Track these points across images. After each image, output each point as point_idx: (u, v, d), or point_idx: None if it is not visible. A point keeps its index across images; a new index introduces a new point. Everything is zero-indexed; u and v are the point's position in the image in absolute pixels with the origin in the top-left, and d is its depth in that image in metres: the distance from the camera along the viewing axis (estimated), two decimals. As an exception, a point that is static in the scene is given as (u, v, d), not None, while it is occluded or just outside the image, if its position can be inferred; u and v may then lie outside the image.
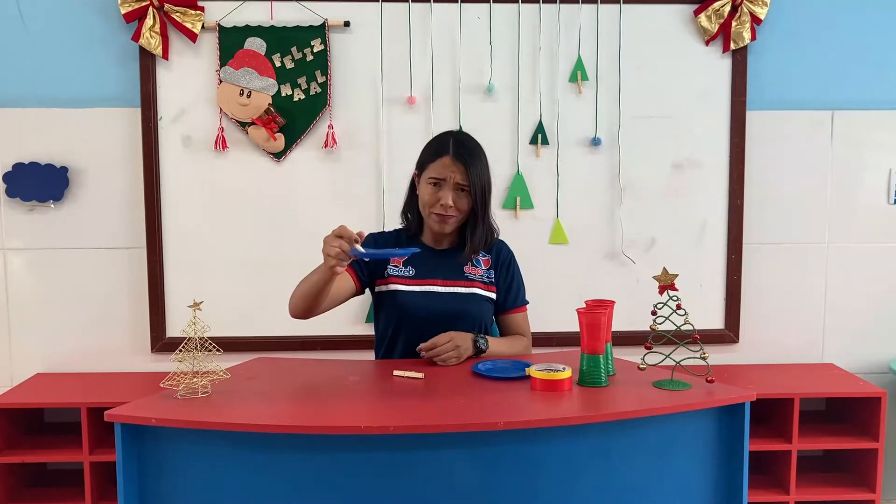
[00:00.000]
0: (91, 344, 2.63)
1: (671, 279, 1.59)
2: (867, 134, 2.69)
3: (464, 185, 1.89)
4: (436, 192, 1.89)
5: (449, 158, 1.88)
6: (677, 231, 2.68)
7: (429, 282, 1.94)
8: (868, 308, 2.74)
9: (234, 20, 2.54)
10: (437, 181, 1.89)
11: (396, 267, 1.96)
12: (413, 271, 1.95)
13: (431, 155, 1.92)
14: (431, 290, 1.93)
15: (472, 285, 1.96)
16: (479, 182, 1.90)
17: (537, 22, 2.59)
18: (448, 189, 1.88)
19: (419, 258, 1.95)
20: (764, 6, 2.58)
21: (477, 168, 1.90)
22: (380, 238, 2.03)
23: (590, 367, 1.59)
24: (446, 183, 1.88)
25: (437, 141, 1.97)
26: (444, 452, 1.41)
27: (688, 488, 1.53)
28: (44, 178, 2.55)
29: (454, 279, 1.95)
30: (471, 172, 1.88)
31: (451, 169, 1.88)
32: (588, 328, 1.58)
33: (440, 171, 1.88)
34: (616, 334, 1.69)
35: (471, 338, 1.86)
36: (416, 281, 1.94)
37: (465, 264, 1.97)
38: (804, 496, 2.45)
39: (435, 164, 1.90)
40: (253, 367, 1.81)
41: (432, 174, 1.89)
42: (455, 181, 1.88)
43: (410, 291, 1.93)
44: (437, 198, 1.89)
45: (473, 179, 1.88)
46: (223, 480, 1.42)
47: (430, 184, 1.90)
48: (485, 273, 1.99)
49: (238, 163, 2.59)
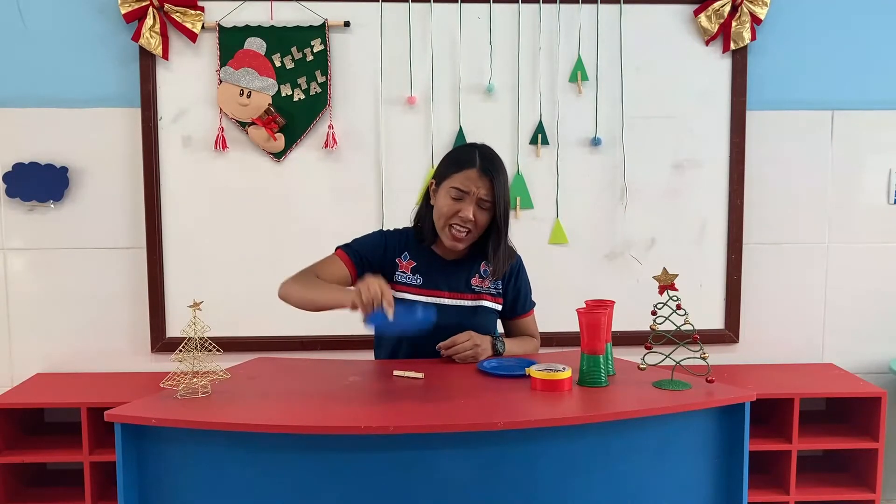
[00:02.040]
0: (91, 344, 2.63)
1: (671, 279, 1.59)
2: (867, 134, 2.69)
3: (486, 201, 1.83)
4: (456, 204, 1.82)
5: (475, 171, 1.81)
6: (677, 231, 2.68)
7: (435, 293, 1.91)
8: (868, 308, 2.74)
9: (234, 20, 2.54)
10: (461, 193, 1.82)
11: (404, 274, 1.92)
12: (421, 280, 1.92)
13: (455, 166, 1.85)
14: (438, 301, 1.90)
15: (479, 298, 1.94)
16: (504, 199, 1.84)
17: (537, 22, 2.59)
18: (470, 203, 1.82)
19: (427, 266, 1.93)
20: (764, 6, 2.58)
21: (502, 184, 1.84)
22: (390, 237, 1.96)
23: (590, 367, 1.59)
24: (469, 196, 1.81)
25: (462, 152, 1.90)
26: (444, 452, 1.41)
27: (688, 488, 1.53)
28: (44, 178, 2.55)
29: (461, 292, 1.92)
30: (496, 187, 1.82)
31: (476, 183, 1.81)
32: (588, 328, 1.58)
33: (464, 184, 1.81)
34: (616, 334, 1.69)
35: (489, 340, 1.86)
36: (422, 291, 1.91)
37: (472, 276, 1.93)
38: (804, 496, 2.45)
39: (459, 175, 1.82)
40: (253, 367, 1.81)
41: (456, 185, 1.82)
42: (479, 196, 1.81)
43: (416, 301, 1.89)
44: (457, 210, 1.82)
45: (498, 195, 1.82)
46: (223, 480, 1.42)
47: (451, 196, 1.83)
48: (492, 285, 1.95)
49: (238, 163, 2.59)
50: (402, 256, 1.93)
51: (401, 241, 1.95)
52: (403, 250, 1.93)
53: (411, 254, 1.93)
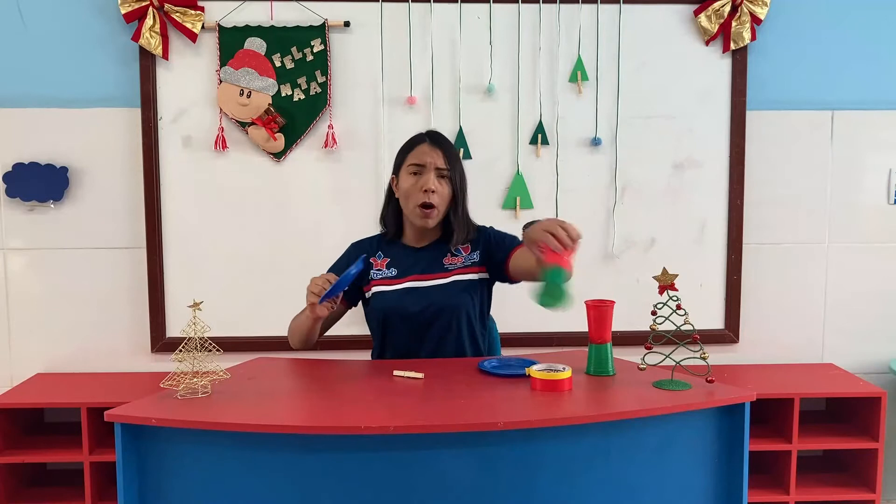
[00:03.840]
0: (91, 344, 2.63)
1: (671, 279, 1.59)
2: (867, 134, 2.69)
3: (444, 169, 1.92)
4: (417, 179, 1.91)
5: (426, 145, 1.94)
6: (677, 231, 2.68)
7: (409, 279, 1.95)
8: (868, 308, 2.74)
9: (234, 20, 2.54)
10: (418, 167, 1.92)
11: (380, 270, 1.97)
12: (395, 272, 1.96)
13: (408, 148, 1.97)
14: (412, 286, 1.94)
15: (452, 274, 1.96)
16: (458, 168, 1.95)
17: (537, 22, 2.59)
18: (429, 174, 1.90)
19: (401, 258, 1.97)
20: (764, 6, 2.58)
21: (454, 156, 1.96)
22: (360, 245, 2.04)
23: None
24: (426, 168, 1.91)
25: (410, 138, 2.01)
26: (444, 452, 1.41)
27: (688, 488, 1.53)
28: (44, 178, 2.55)
29: (434, 272, 1.95)
30: (449, 156, 1.93)
31: (430, 155, 1.92)
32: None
33: (420, 158, 1.92)
34: (616, 334, 1.69)
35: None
36: (397, 280, 1.95)
37: (444, 256, 1.97)
38: (804, 496, 2.45)
39: (413, 152, 1.94)
40: (253, 367, 1.81)
41: (412, 161, 1.93)
42: (435, 165, 1.91)
43: (392, 291, 1.94)
44: (420, 185, 1.90)
45: (452, 163, 1.93)
46: (223, 480, 1.42)
47: (410, 173, 1.92)
48: (466, 258, 1.97)
49: (238, 163, 2.59)
50: (377, 256, 2.00)
51: (372, 244, 2.03)
52: (376, 250, 2.01)
53: (384, 252, 2.00)
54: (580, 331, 1.92)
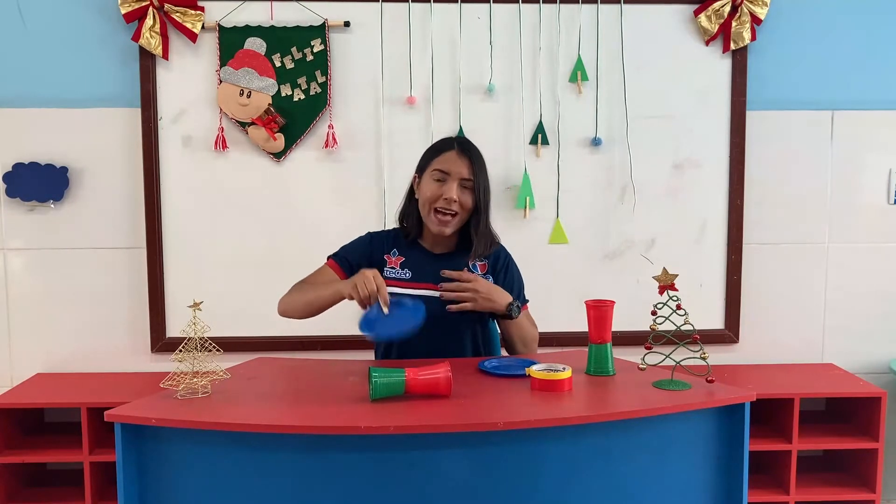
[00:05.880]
0: (91, 344, 2.63)
1: (671, 279, 1.59)
2: (867, 134, 2.69)
3: (468, 181, 1.88)
4: (440, 186, 1.88)
5: (454, 153, 1.89)
6: (677, 231, 2.68)
7: (424, 286, 1.92)
8: (868, 308, 2.74)
9: (234, 20, 2.54)
10: (442, 175, 1.88)
11: (393, 269, 1.95)
12: (409, 274, 1.94)
13: (435, 152, 1.93)
14: (426, 294, 1.91)
15: None
16: (483, 179, 1.91)
17: (537, 22, 2.59)
18: (453, 183, 1.87)
19: (417, 261, 1.95)
20: (764, 6, 2.58)
21: (481, 166, 1.92)
22: (377, 237, 2.01)
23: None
24: (451, 177, 1.87)
25: (440, 141, 1.98)
26: (444, 452, 1.41)
27: (688, 488, 1.53)
28: (44, 178, 2.55)
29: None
30: (475, 167, 1.89)
31: (456, 163, 1.88)
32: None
33: (445, 165, 1.88)
34: (616, 334, 1.69)
35: (508, 301, 1.88)
36: (411, 284, 1.93)
37: (462, 269, 1.94)
38: (804, 496, 2.45)
39: (439, 158, 1.90)
40: (253, 367, 1.81)
41: (437, 167, 1.89)
42: (461, 176, 1.88)
43: (403, 295, 1.90)
44: (441, 192, 1.87)
45: (478, 174, 1.89)
46: (223, 480, 1.42)
47: (434, 178, 1.89)
48: (482, 279, 1.96)
49: (238, 163, 2.59)
50: (391, 253, 1.97)
51: (388, 239, 2.00)
52: (392, 247, 1.98)
53: (400, 250, 1.97)
54: (580, 331, 1.93)
